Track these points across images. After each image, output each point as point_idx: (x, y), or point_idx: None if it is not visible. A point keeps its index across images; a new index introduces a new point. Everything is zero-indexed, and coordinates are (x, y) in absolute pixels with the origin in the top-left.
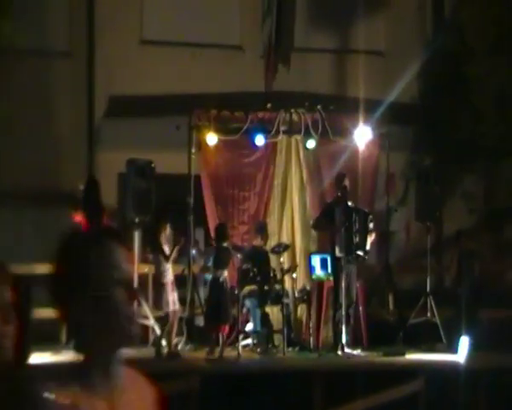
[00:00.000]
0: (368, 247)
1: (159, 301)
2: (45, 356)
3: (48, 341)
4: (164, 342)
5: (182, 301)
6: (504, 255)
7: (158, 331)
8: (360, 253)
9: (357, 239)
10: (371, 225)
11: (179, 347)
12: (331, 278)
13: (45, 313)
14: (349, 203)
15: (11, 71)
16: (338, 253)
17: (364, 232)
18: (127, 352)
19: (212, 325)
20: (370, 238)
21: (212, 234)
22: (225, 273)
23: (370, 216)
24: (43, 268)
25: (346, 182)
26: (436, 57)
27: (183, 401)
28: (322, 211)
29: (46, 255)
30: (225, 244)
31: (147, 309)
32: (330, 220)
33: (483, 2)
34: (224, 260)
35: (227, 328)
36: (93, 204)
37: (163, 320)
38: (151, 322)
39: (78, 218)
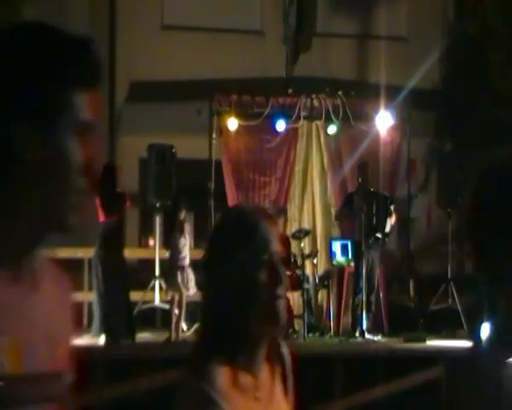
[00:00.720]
0: (388, 229)
1: (176, 283)
2: None
3: None
4: (185, 326)
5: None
6: None
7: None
8: (379, 235)
9: (375, 222)
10: (391, 208)
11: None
12: (352, 264)
13: None
14: (370, 189)
15: None
16: (357, 237)
17: (384, 215)
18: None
19: None
20: (390, 220)
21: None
22: None
23: (390, 199)
24: (64, 253)
25: (368, 169)
26: (458, 43)
27: None
28: (343, 202)
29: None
30: None
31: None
32: (350, 209)
33: None
34: None
35: None
36: (109, 191)
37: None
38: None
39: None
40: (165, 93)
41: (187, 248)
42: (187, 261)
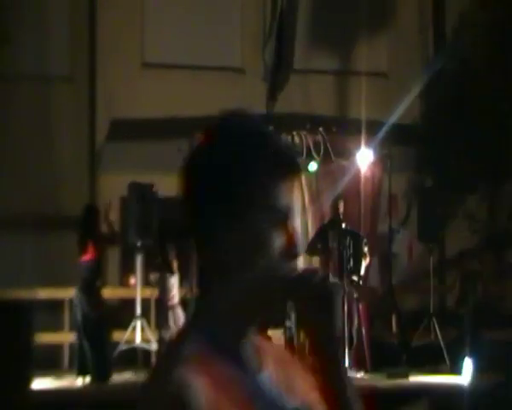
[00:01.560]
0: (362, 271)
1: (164, 324)
2: (47, 381)
3: (49, 366)
4: None
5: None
6: (507, 276)
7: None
8: (354, 278)
9: (351, 264)
10: (365, 249)
11: None
12: None
13: (47, 337)
14: (343, 226)
15: (11, 95)
16: (331, 278)
17: (358, 256)
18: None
19: None
20: (365, 262)
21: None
22: None
23: (365, 240)
24: (44, 293)
25: (341, 206)
26: (438, 79)
27: None
28: (315, 234)
29: (47, 279)
30: None
31: (149, 333)
32: (324, 244)
33: (484, 25)
34: None
35: None
36: (90, 232)
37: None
38: (154, 346)
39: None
40: (146, 131)
41: (176, 287)
42: (176, 300)
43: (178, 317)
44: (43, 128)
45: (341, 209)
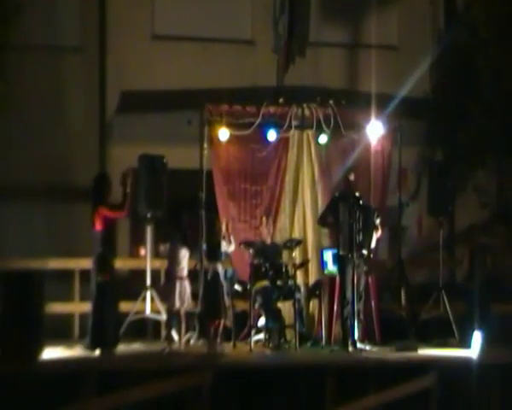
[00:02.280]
0: (373, 244)
1: (170, 296)
2: (57, 351)
3: (60, 336)
4: (176, 337)
5: (193, 296)
6: None
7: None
8: (364, 252)
9: (361, 238)
10: (377, 222)
11: (191, 342)
12: None
13: (58, 307)
14: (357, 194)
15: (23, 66)
16: (341, 251)
17: (369, 230)
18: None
19: (210, 320)
20: (376, 235)
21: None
22: (220, 267)
23: (376, 213)
24: (55, 263)
25: (352, 176)
26: (448, 51)
27: (196, 395)
28: (327, 206)
29: (58, 250)
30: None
31: (159, 304)
32: (335, 216)
33: None
34: (217, 252)
35: (222, 322)
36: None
37: (174, 314)
38: (163, 317)
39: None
40: (156, 103)
41: (186, 259)
42: (185, 272)
43: (185, 289)
44: (53, 99)
45: (352, 180)
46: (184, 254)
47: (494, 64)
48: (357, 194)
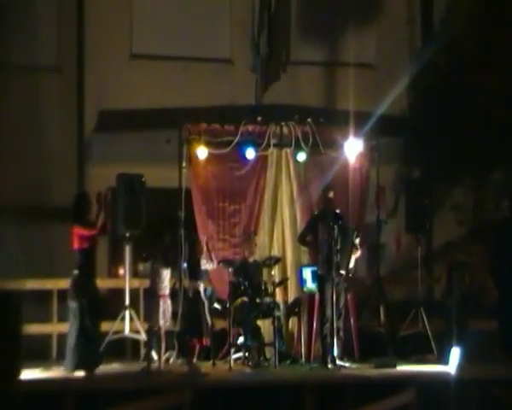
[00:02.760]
0: (351, 264)
1: (154, 315)
2: (35, 372)
3: (38, 357)
4: (155, 357)
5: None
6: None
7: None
8: (342, 272)
9: (339, 258)
10: (357, 241)
11: (171, 361)
12: None
13: (36, 328)
14: (337, 212)
15: (0, 87)
16: (319, 271)
17: (348, 249)
18: (117, 367)
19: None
20: (355, 255)
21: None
22: (201, 285)
23: (356, 232)
24: (33, 284)
25: (331, 194)
26: (425, 70)
27: None
28: (306, 224)
29: (36, 271)
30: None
31: (138, 324)
32: (314, 235)
33: (471, 16)
34: (198, 271)
35: (204, 341)
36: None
37: (154, 334)
38: (142, 336)
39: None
40: (135, 122)
41: (168, 278)
42: (167, 290)
43: (168, 308)
44: (31, 119)
45: (331, 197)
46: (166, 273)
47: (472, 81)
48: (337, 211)
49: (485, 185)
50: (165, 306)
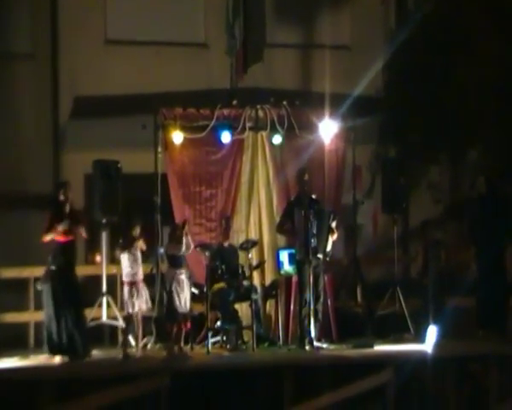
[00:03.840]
0: (329, 247)
1: (129, 301)
2: (13, 361)
3: (15, 345)
4: (133, 342)
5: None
6: (469, 244)
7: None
8: (319, 256)
9: (316, 242)
10: (333, 224)
11: (148, 346)
12: None
13: (12, 317)
14: (313, 197)
15: None
16: (297, 256)
17: (326, 233)
18: (96, 354)
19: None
20: (332, 238)
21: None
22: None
23: (332, 215)
24: (9, 272)
25: (306, 176)
26: (400, 50)
27: (154, 400)
28: (283, 212)
29: (12, 259)
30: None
31: (116, 310)
32: (291, 222)
33: None
34: (179, 258)
35: (189, 325)
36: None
37: (130, 320)
38: (120, 323)
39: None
40: (110, 108)
41: (139, 264)
42: (141, 276)
43: (141, 293)
44: (5, 106)
45: (306, 179)
46: (136, 259)
47: (446, 61)
48: (313, 196)
49: (461, 164)
50: (140, 292)
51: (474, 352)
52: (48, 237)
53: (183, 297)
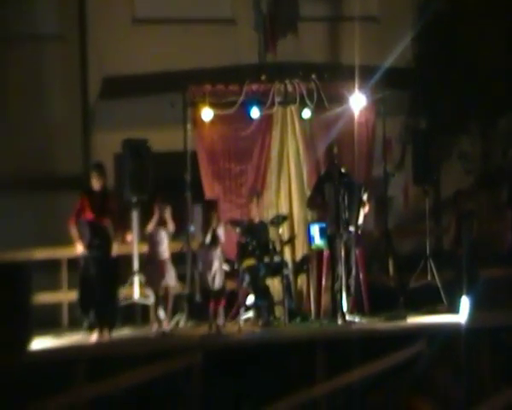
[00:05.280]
0: (360, 220)
1: (155, 279)
2: (47, 340)
3: (49, 325)
4: (165, 319)
5: (181, 277)
6: (502, 214)
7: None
8: (351, 229)
9: (347, 215)
10: (365, 197)
11: (181, 324)
12: None
13: (46, 297)
14: (342, 171)
15: (3, 56)
16: (328, 230)
17: (357, 206)
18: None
19: (206, 300)
20: (363, 211)
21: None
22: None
23: (363, 188)
24: (42, 253)
25: (335, 149)
26: (430, 21)
27: (187, 377)
28: (314, 187)
29: (44, 240)
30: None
31: (147, 288)
32: (322, 196)
33: None
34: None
35: (223, 301)
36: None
37: (159, 298)
38: (151, 300)
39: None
40: (139, 87)
41: (166, 242)
42: (166, 255)
43: (169, 271)
44: (35, 88)
45: (336, 153)
46: (164, 237)
47: (476, 31)
48: (342, 170)
49: (491, 133)
50: (165, 269)
51: (508, 322)
52: (73, 229)
53: (216, 275)
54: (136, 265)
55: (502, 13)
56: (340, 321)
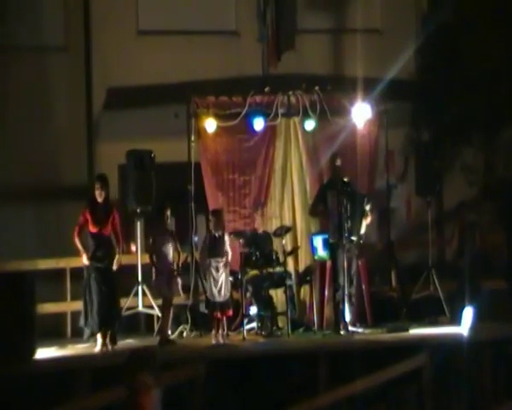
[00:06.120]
0: (362, 230)
1: (163, 289)
2: (51, 350)
3: (52, 335)
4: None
5: (185, 288)
6: (505, 226)
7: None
8: (353, 238)
9: (350, 225)
10: (367, 208)
11: (184, 334)
12: None
13: (50, 307)
14: (345, 180)
15: (9, 68)
16: (330, 239)
17: (359, 216)
18: (132, 342)
19: (214, 311)
20: (366, 221)
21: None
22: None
23: (366, 198)
24: (45, 263)
25: (338, 162)
26: (432, 33)
27: (190, 387)
28: (316, 196)
29: (48, 250)
30: (219, 232)
31: (151, 299)
32: (325, 205)
33: None
34: (219, 248)
35: (229, 313)
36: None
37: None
38: (155, 311)
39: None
40: (142, 98)
41: (171, 253)
42: (174, 265)
43: (176, 282)
44: (40, 99)
45: (339, 165)
46: (170, 247)
47: (478, 43)
48: (345, 179)
49: (494, 145)
50: (173, 280)
51: (511, 335)
52: (77, 241)
53: (221, 286)
54: (139, 275)
55: (504, 24)
56: (342, 332)
